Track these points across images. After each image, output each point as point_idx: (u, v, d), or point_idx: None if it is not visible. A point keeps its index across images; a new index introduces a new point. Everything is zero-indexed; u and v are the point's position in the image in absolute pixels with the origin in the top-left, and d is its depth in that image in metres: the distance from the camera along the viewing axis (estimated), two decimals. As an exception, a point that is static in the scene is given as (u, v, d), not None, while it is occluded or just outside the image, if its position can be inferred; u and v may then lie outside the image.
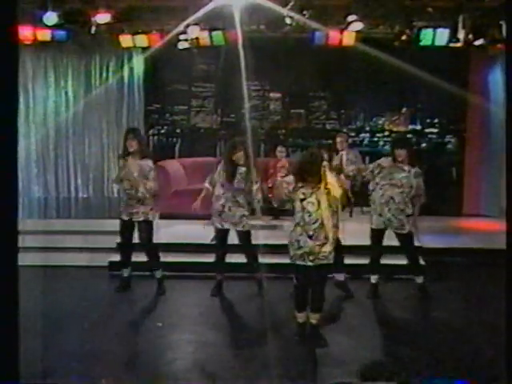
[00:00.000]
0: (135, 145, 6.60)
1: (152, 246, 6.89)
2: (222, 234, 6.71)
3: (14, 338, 1.81)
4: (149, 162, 6.68)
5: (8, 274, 1.79)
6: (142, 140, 6.99)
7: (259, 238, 6.82)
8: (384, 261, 6.96)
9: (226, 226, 6.62)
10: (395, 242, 6.72)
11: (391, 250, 7.02)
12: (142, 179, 6.56)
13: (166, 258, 7.18)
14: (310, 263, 5.08)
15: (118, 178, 6.82)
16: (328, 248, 5.06)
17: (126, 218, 6.75)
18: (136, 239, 6.91)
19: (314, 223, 5.00)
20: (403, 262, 6.87)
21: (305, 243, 5.05)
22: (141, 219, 6.71)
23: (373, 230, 6.73)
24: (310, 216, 5.01)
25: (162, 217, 8.30)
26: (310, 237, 5.02)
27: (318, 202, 4.98)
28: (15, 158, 1.83)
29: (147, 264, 6.95)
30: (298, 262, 5.13)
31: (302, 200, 5.04)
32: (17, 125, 1.85)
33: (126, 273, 7.00)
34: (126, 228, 6.82)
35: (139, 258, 7.10)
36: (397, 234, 6.63)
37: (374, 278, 6.85)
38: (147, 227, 6.77)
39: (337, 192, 5.01)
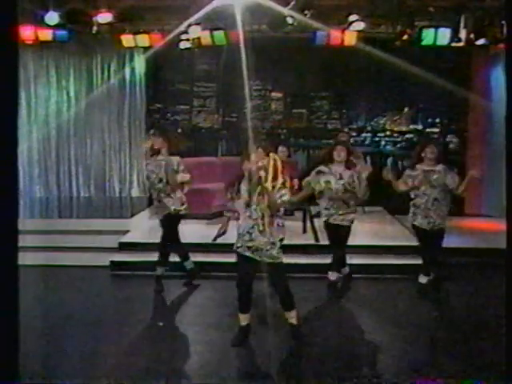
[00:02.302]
0: (160, 143, 6.71)
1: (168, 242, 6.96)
2: None
3: (14, 338, 1.81)
4: (176, 158, 6.77)
5: (8, 274, 1.79)
6: (168, 137, 6.99)
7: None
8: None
9: None
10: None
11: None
12: (172, 173, 6.67)
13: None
14: (257, 257, 5.02)
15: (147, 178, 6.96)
16: (275, 251, 5.02)
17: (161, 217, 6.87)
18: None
19: (261, 218, 4.92)
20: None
21: (256, 237, 4.97)
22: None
23: (417, 228, 6.67)
24: (255, 210, 4.95)
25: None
26: (261, 232, 4.94)
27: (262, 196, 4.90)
28: (15, 157, 1.83)
29: (158, 261, 6.98)
30: (246, 254, 5.04)
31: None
32: (17, 124, 1.84)
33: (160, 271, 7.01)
34: (171, 223, 6.87)
35: (142, 257, 7.14)
36: (433, 231, 6.58)
37: (424, 278, 6.75)
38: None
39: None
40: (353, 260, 7.13)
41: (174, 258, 7.11)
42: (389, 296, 6.84)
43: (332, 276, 6.82)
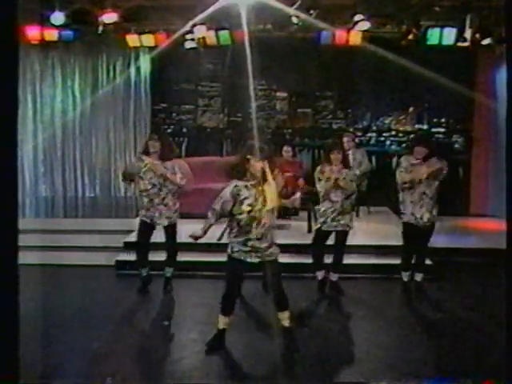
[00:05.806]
0: (157, 146, 6.55)
1: (176, 246, 6.89)
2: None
3: (14, 338, 1.81)
4: (171, 163, 6.62)
5: (8, 273, 1.79)
6: (167, 141, 6.86)
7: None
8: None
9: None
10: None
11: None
12: (171, 175, 6.52)
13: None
14: (255, 260, 4.94)
15: (125, 174, 6.84)
16: (274, 249, 4.99)
17: (147, 220, 6.69)
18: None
19: (258, 226, 4.84)
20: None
21: (253, 243, 4.89)
22: (166, 224, 6.69)
23: (405, 224, 6.65)
24: (255, 219, 4.84)
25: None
26: (259, 239, 4.87)
27: (264, 203, 4.80)
28: (15, 156, 1.84)
29: (164, 262, 6.96)
30: (243, 258, 4.92)
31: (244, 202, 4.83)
32: (16, 124, 1.85)
33: (144, 272, 6.97)
34: (146, 229, 6.76)
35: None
36: (421, 227, 6.57)
37: (405, 276, 6.82)
38: (173, 230, 6.76)
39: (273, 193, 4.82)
40: (357, 260, 7.12)
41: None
42: (394, 296, 6.84)
43: (332, 277, 6.83)
